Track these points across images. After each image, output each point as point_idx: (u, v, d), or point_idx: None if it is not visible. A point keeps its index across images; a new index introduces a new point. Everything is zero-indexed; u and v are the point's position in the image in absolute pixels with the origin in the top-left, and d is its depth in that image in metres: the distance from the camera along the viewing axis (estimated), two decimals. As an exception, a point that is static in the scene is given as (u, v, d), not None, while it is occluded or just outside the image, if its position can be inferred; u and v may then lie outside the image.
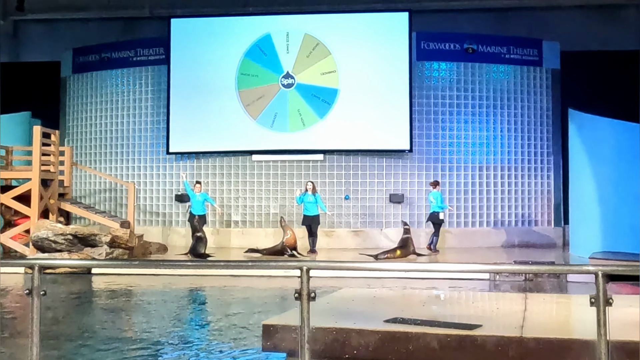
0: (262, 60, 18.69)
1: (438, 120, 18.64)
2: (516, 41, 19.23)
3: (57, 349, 7.26)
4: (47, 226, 15.24)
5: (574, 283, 12.23)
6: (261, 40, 18.72)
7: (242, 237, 18.51)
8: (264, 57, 18.68)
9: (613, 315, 3.69)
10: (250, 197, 18.78)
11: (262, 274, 13.15)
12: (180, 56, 19.05)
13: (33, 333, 3.98)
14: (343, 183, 18.49)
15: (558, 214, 19.06)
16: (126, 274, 13.32)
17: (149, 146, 19.50)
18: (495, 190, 18.82)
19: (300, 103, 18.47)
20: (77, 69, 20.64)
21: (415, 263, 13.96)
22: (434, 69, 18.81)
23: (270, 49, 18.67)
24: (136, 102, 19.70)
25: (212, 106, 18.82)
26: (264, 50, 18.69)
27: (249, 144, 18.66)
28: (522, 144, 19.06)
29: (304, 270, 3.84)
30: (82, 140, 20.36)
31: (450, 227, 18.29)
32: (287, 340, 6.05)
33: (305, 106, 18.45)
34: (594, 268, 3.62)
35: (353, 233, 18.39)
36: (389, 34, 18.51)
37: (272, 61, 18.66)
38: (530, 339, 5.70)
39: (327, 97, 18.42)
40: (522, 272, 12.59)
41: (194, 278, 13.24)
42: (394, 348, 5.88)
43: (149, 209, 19.39)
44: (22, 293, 9.68)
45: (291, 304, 5.99)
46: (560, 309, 7.76)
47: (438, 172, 18.46)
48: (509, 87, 19.06)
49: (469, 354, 5.73)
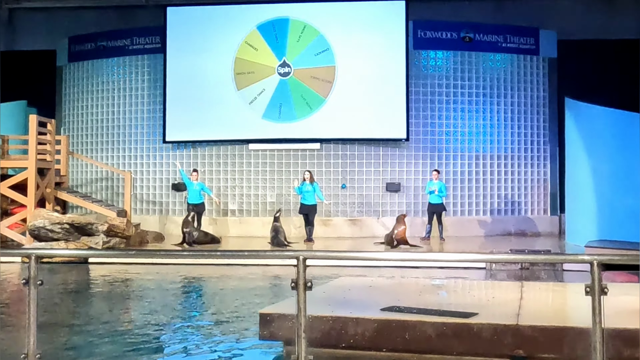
0: (255, 53, 18.66)
1: (435, 109, 18.63)
2: (513, 30, 19.21)
3: (54, 337, 7.27)
4: (43, 215, 15.23)
5: (569, 271, 12.27)
6: (264, 25, 18.69)
7: (239, 226, 18.52)
8: (258, 50, 18.65)
9: (608, 303, 3.70)
10: (247, 186, 18.78)
11: (259, 263, 13.16)
12: (177, 44, 18.99)
13: (30, 322, 3.99)
14: (340, 172, 18.49)
15: (554, 203, 19.10)
16: (123, 263, 13.33)
17: (145, 135, 19.47)
18: (491, 179, 18.83)
19: (301, 88, 18.43)
20: (73, 57, 20.57)
21: (411, 253, 14.00)
22: (431, 57, 18.78)
23: (271, 36, 18.64)
24: (132, 90, 19.66)
25: (209, 95, 18.78)
26: (265, 37, 18.66)
27: (246, 133, 18.64)
28: (519, 132, 19.07)
29: (300, 260, 3.85)
30: (79, 129, 20.32)
31: (446, 216, 18.31)
32: (283, 329, 6.08)
33: (307, 90, 18.42)
34: (590, 257, 3.63)
35: (350, 222, 18.41)
36: (386, 23, 18.46)
37: (267, 52, 18.62)
38: (526, 326, 5.73)
39: (326, 77, 18.38)
40: (518, 261, 12.64)
41: (191, 267, 13.26)
42: (391, 336, 5.91)
43: (146, 198, 19.38)
44: (19, 282, 9.70)
45: (288, 293, 6.01)
46: (556, 297, 7.80)
47: (435, 161, 18.46)
48: (505, 75, 19.05)
49: (465, 342, 5.76)
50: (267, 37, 18.64)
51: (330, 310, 6.23)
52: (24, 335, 4.07)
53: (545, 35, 19.35)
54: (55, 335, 7.41)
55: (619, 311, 5.58)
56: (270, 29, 18.66)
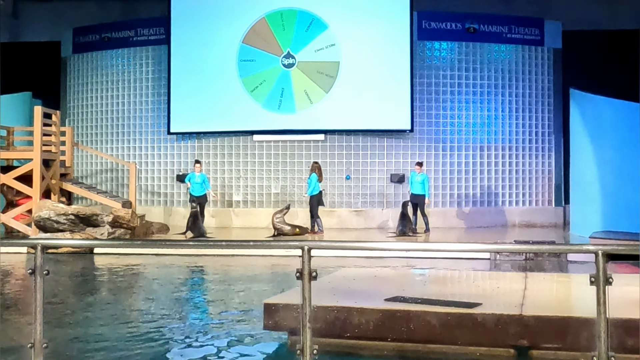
0: (260, 43, 18.64)
1: (439, 100, 18.61)
2: (518, 20, 19.15)
3: (61, 327, 7.31)
4: (49, 206, 15.28)
5: (574, 263, 12.28)
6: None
7: (243, 217, 18.55)
8: (263, 39, 18.64)
9: (612, 293, 3.71)
10: (251, 177, 18.80)
11: (264, 254, 13.20)
12: (181, 36, 19.00)
13: (36, 312, 4.01)
14: (344, 163, 18.49)
15: (559, 194, 19.09)
16: (128, 254, 13.38)
17: (150, 126, 19.50)
18: (496, 170, 18.82)
19: (304, 81, 18.42)
20: (78, 49, 20.58)
21: (416, 243, 14.03)
22: (435, 48, 18.75)
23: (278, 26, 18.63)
24: (137, 82, 19.67)
25: (213, 86, 18.79)
26: (269, 27, 18.65)
27: (250, 124, 18.64)
28: (524, 123, 19.04)
29: (305, 250, 3.86)
30: (83, 120, 20.36)
31: (451, 207, 18.33)
32: (288, 319, 6.10)
33: (310, 83, 18.41)
34: (594, 247, 3.64)
35: (354, 213, 18.43)
36: (390, 13, 18.41)
37: (273, 42, 18.60)
38: (529, 317, 5.75)
39: (330, 71, 18.37)
40: (523, 252, 12.63)
41: (196, 258, 13.29)
42: (395, 326, 5.93)
43: (150, 189, 19.43)
44: (25, 273, 9.75)
45: (292, 283, 6.03)
46: (560, 287, 7.81)
47: (439, 152, 18.46)
48: (510, 66, 19.00)
49: (469, 331, 5.78)
50: (271, 28, 18.61)
51: (335, 300, 6.25)
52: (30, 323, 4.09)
53: (550, 26, 19.29)
54: (62, 324, 7.45)
55: (622, 302, 5.58)
56: (275, 20, 18.62)
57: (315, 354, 3.77)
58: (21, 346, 5.48)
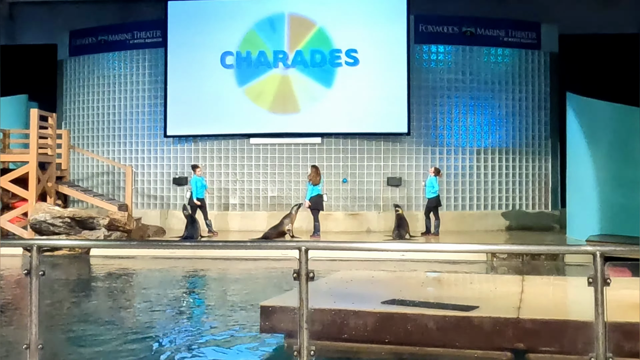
0: (256, 47, 18.63)
1: (436, 104, 18.60)
2: (514, 24, 19.15)
3: (57, 328, 7.28)
4: (44, 209, 15.24)
5: (570, 265, 12.28)
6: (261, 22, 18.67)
7: (241, 220, 18.52)
8: (259, 43, 18.63)
9: (609, 297, 3.70)
10: (248, 180, 18.77)
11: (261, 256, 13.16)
12: (178, 39, 18.96)
13: (32, 313, 3.99)
14: (341, 166, 18.47)
15: (555, 198, 19.08)
16: (124, 257, 13.33)
17: (146, 129, 19.46)
18: (492, 173, 18.81)
19: (301, 84, 18.41)
20: (74, 51, 20.54)
21: (413, 244, 14.03)
22: (432, 52, 18.74)
23: (272, 30, 18.63)
24: (133, 84, 19.63)
25: (210, 89, 18.75)
26: (267, 31, 18.65)
27: (247, 127, 18.62)
28: (520, 127, 19.04)
29: (302, 251, 3.84)
30: (80, 123, 20.31)
31: (447, 210, 18.29)
32: (285, 321, 6.08)
33: (307, 86, 18.39)
34: (592, 248, 3.63)
35: (350, 216, 18.40)
36: (387, 17, 18.41)
37: (268, 46, 18.59)
38: (527, 320, 5.73)
39: (327, 75, 18.35)
40: (520, 253, 12.61)
41: (192, 260, 13.25)
42: (392, 329, 5.91)
43: (147, 192, 19.38)
44: (20, 275, 9.70)
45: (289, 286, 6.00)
46: (557, 290, 7.80)
47: (436, 156, 18.45)
48: (507, 70, 19.01)
49: (466, 335, 5.77)
50: (268, 31, 18.60)
51: (332, 302, 6.23)
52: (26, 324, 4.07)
53: (546, 30, 19.31)
54: (57, 325, 7.41)
55: (620, 305, 5.56)
56: (271, 23, 18.62)
57: (312, 356, 3.75)
58: (15, 347, 5.45)
